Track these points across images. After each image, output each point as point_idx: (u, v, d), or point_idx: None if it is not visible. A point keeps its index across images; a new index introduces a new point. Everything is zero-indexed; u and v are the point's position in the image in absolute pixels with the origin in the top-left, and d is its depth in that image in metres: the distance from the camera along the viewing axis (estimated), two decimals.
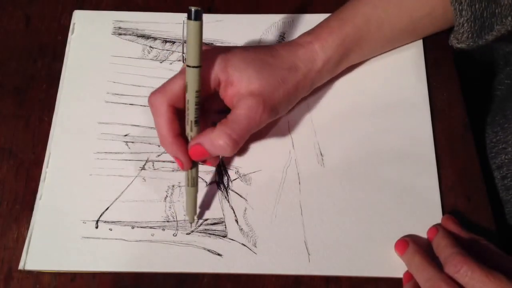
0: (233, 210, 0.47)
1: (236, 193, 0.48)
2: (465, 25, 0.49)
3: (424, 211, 0.47)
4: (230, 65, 0.44)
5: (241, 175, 0.49)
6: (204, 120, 0.45)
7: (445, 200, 0.48)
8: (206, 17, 0.56)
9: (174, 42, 0.55)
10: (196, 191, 0.46)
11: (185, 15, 0.39)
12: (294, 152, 0.50)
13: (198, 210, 0.47)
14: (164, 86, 0.44)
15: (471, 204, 0.47)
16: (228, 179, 0.49)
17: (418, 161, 0.49)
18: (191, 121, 0.43)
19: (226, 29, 0.56)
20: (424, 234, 0.46)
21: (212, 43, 0.55)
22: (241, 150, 0.50)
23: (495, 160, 0.54)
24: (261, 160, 0.49)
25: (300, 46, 0.48)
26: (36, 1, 0.58)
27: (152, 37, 0.55)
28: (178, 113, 0.44)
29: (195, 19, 0.39)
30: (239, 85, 0.44)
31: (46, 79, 0.54)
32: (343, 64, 0.51)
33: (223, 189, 0.48)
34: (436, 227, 0.45)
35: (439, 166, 0.49)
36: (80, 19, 0.56)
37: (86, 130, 0.51)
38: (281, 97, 0.45)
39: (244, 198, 0.48)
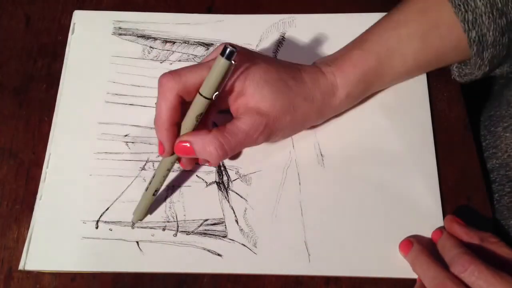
0: (233, 210, 0.47)
1: (236, 193, 0.48)
2: (478, 75, 0.50)
3: (424, 211, 0.47)
4: (249, 78, 0.43)
5: (241, 176, 0.49)
6: (204, 115, 0.44)
7: (445, 200, 0.48)
8: (206, 17, 0.56)
9: (174, 43, 0.55)
10: (152, 201, 0.46)
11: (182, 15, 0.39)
12: (294, 153, 0.50)
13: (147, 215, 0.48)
14: (179, 72, 0.42)
15: (471, 204, 0.47)
16: (228, 179, 0.49)
17: (418, 161, 0.49)
18: (190, 124, 0.43)
19: (226, 29, 0.56)
20: (424, 234, 0.46)
21: (212, 43, 0.55)
22: (241, 150, 0.50)
23: (487, 165, 0.54)
24: (261, 161, 0.49)
25: (322, 75, 0.47)
26: (36, 1, 0.58)
27: (152, 37, 0.55)
28: (183, 103, 0.43)
29: (227, 58, 0.38)
30: (250, 98, 0.43)
31: (46, 79, 0.54)
32: (363, 96, 0.50)
33: (223, 190, 0.48)
34: (441, 230, 0.45)
35: (439, 166, 0.49)
36: (80, 19, 0.56)
37: (86, 130, 0.51)
38: (286, 124, 0.45)
39: (244, 199, 0.48)
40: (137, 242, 0.46)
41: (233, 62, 0.39)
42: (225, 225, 0.47)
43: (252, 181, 0.49)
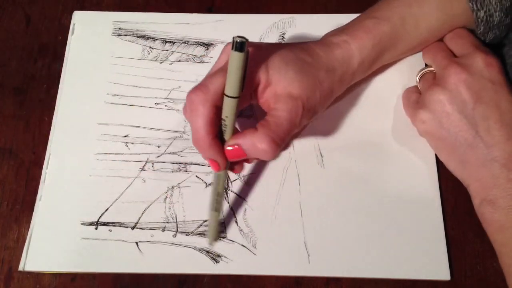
0: (233, 211, 0.47)
1: (236, 194, 0.48)
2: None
3: (424, 211, 0.47)
4: (270, 66, 0.42)
5: (241, 176, 0.49)
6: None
7: (445, 200, 0.48)
8: (205, 17, 0.56)
9: (174, 43, 0.55)
10: (218, 216, 0.45)
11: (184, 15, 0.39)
12: (294, 153, 0.50)
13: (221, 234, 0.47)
14: (205, 83, 0.40)
15: (471, 204, 0.47)
16: (228, 180, 0.49)
17: (418, 161, 0.49)
18: (229, 128, 0.41)
19: (226, 29, 0.56)
20: (424, 235, 0.46)
21: (211, 43, 0.55)
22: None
23: None
24: (261, 161, 0.49)
25: (336, 46, 0.46)
26: (36, 1, 0.58)
27: (152, 38, 0.55)
28: (218, 114, 0.41)
29: (240, 50, 0.37)
30: (277, 86, 0.42)
31: (46, 79, 0.54)
32: (377, 64, 0.50)
33: None
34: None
35: (439, 166, 0.49)
36: (80, 19, 0.56)
37: (86, 131, 0.51)
38: (318, 99, 0.44)
39: (244, 199, 0.48)
40: (137, 243, 0.46)
41: (246, 51, 0.37)
42: (225, 226, 0.47)
43: (252, 181, 0.49)
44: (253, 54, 0.41)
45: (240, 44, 0.37)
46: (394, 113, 0.52)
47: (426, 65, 0.50)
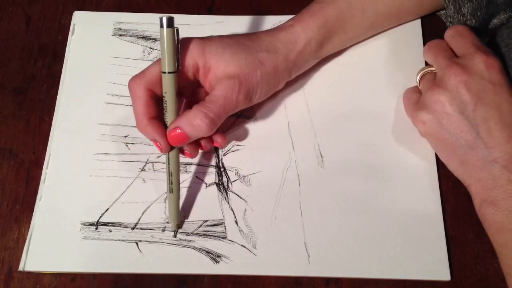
0: (232, 211, 0.47)
1: (236, 194, 0.48)
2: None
3: (424, 211, 0.47)
4: (207, 50, 0.45)
5: (241, 177, 0.49)
6: (187, 109, 0.46)
7: (445, 200, 0.48)
8: (206, 18, 0.56)
9: None
10: (178, 198, 0.46)
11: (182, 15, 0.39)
12: (294, 154, 0.50)
13: (181, 218, 0.47)
14: (143, 71, 0.45)
15: (471, 204, 0.47)
16: (228, 180, 0.49)
17: (418, 161, 0.49)
18: (169, 107, 0.44)
19: (226, 30, 0.56)
20: (424, 235, 0.46)
21: None
22: (241, 151, 0.50)
23: None
24: (261, 162, 0.49)
25: (281, 29, 0.48)
26: (36, 1, 0.58)
27: (152, 39, 0.55)
28: (156, 99, 0.45)
29: (168, 27, 0.42)
30: (217, 69, 0.45)
31: (46, 79, 0.54)
32: (327, 47, 0.51)
33: (223, 191, 0.48)
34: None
35: (439, 166, 0.49)
36: (80, 20, 0.56)
37: (86, 131, 0.51)
38: (259, 78, 0.46)
39: (244, 200, 0.48)
40: (137, 243, 0.46)
41: (174, 28, 0.42)
42: (225, 226, 0.47)
43: (252, 182, 0.49)
44: (188, 41, 0.45)
45: (168, 20, 0.42)
46: (394, 114, 0.52)
47: (426, 63, 0.50)
